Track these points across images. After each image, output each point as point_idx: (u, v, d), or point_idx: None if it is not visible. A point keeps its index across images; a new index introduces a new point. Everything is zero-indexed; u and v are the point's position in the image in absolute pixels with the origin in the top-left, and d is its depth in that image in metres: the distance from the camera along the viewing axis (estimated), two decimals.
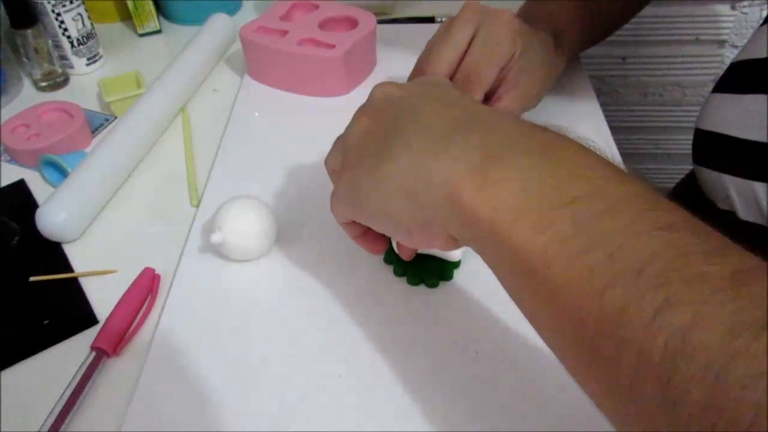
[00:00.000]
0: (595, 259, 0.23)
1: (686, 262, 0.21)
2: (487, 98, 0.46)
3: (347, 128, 0.36)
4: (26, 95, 0.67)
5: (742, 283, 0.20)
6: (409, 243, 0.34)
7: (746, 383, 0.18)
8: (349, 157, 0.35)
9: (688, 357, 0.20)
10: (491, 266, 0.29)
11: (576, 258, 0.23)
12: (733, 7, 0.96)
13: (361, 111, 0.36)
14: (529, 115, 0.50)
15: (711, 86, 0.56)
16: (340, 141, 0.37)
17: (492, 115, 0.31)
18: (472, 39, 0.44)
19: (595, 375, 0.24)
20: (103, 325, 0.42)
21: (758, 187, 0.50)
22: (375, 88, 0.36)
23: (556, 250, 0.24)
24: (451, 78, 0.45)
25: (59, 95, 0.67)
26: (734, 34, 0.99)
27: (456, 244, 0.32)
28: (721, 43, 1.00)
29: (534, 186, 0.26)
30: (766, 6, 0.95)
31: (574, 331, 0.24)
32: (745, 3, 0.95)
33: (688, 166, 0.64)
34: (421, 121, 0.31)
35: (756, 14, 0.96)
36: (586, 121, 0.57)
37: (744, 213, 0.52)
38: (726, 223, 0.53)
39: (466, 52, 0.44)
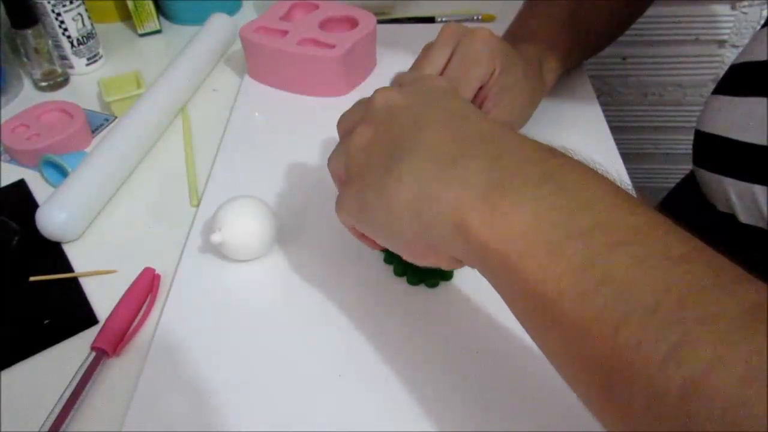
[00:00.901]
0: (607, 294, 0.23)
1: (700, 297, 0.21)
2: None
3: (349, 133, 0.35)
4: (26, 95, 0.67)
5: (759, 319, 0.20)
6: (411, 260, 0.33)
7: (764, 427, 0.18)
8: (352, 169, 0.34)
9: (705, 399, 0.19)
10: (500, 292, 0.28)
11: (588, 293, 0.23)
12: (733, 7, 0.96)
13: (363, 118, 0.34)
14: (530, 119, 0.50)
15: (711, 86, 0.56)
16: (343, 147, 0.35)
17: (499, 134, 0.30)
18: (450, 59, 0.43)
19: (608, 408, 0.24)
20: (103, 325, 0.42)
21: (758, 189, 0.49)
22: (376, 93, 0.34)
23: (568, 284, 0.24)
24: None
25: (59, 95, 0.66)
26: (734, 34, 0.99)
27: (459, 264, 0.32)
28: (721, 43, 1.00)
29: (544, 216, 0.25)
30: (766, 6, 0.95)
31: (586, 364, 0.24)
32: (745, 3, 0.95)
33: (688, 167, 0.64)
34: (426, 139, 0.30)
35: (756, 14, 0.96)
36: (586, 122, 0.57)
37: (744, 216, 0.52)
38: (726, 225, 0.53)
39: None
